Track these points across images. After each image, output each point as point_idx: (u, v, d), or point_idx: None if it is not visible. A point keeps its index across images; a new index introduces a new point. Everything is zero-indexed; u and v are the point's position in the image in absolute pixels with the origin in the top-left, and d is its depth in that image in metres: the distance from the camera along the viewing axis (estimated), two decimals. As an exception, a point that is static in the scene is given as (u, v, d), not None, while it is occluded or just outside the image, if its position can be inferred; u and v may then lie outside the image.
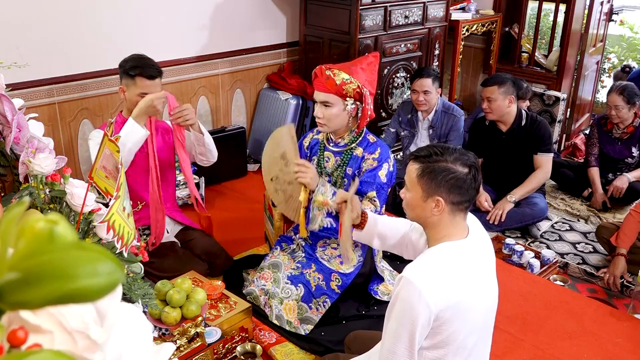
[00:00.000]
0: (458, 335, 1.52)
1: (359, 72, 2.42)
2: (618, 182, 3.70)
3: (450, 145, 1.66)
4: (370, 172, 2.43)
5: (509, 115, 3.49)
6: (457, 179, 1.55)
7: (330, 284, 2.53)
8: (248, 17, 4.04)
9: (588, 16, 4.64)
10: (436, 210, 1.56)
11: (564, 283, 2.98)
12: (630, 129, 3.70)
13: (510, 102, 3.44)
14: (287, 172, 2.47)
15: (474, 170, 1.58)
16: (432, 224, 1.60)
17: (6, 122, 1.48)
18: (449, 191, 1.55)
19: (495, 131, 3.56)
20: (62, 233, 0.43)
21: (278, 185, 2.53)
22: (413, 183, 1.60)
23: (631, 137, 3.73)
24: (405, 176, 1.65)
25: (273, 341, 2.45)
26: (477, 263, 1.59)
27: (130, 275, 1.42)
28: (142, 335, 0.64)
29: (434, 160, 1.57)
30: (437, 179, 1.55)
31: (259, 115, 4.27)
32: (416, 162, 1.61)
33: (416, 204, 1.60)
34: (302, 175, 2.36)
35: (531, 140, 3.48)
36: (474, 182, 1.57)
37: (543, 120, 3.55)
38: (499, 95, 3.41)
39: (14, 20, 2.99)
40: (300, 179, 2.36)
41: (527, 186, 3.49)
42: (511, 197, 3.46)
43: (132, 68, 2.51)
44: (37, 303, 0.41)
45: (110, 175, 1.55)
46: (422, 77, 3.57)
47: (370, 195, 2.39)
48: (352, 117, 2.46)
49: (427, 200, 1.57)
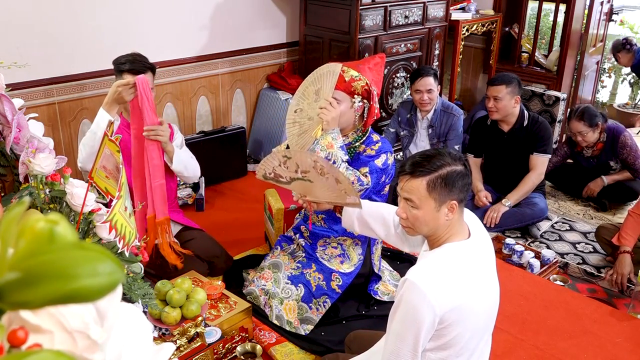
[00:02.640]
0: (462, 337, 1.52)
1: (366, 71, 2.43)
2: (592, 184, 3.76)
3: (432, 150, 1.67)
4: (366, 157, 2.44)
5: (513, 116, 3.49)
6: (463, 176, 1.56)
7: (331, 283, 2.53)
8: (248, 17, 4.04)
9: (588, 16, 4.64)
10: (450, 214, 1.55)
11: (564, 283, 2.98)
12: (600, 146, 3.69)
13: (516, 102, 3.45)
14: (313, 107, 2.46)
15: (467, 163, 1.61)
16: (440, 230, 1.59)
17: (6, 122, 1.48)
18: (460, 191, 1.55)
19: (496, 131, 3.56)
20: (62, 233, 0.43)
21: (298, 118, 2.53)
22: (424, 198, 1.55)
23: (604, 153, 3.71)
24: (410, 195, 1.58)
25: (273, 341, 2.45)
26: (480, 264, 1.59)
27: (130, 275, 1.42)
28: (142, 335, 0.64)
29: (437, 167, 1.54)
30: (450, 184, 1.54)
31: (259, 115, 4.27)
32: (418, 177, 1.55)
33: (430, 217, 1.56)
34: (325, 112, 2.36)
35: (531, 140, 3.48)
36: (470, 175, 1.60)
37: (544, 121, 3.55)
38: (506, 94, 3.41)
39: (14, 20, 2.99)
40: (322, 115, 2.37)
41: (521, 189, 3.49)
42: (506, 201, 3.46)
43: (121, 64, 2.54)
44: (37, 303, 0.41)
45: (110, 175, 1.55)
46: (423, 76, 3.56)
47: (362, 171, 2.39)
48: (359, 115, 2.46)
49: (441, 208, 1.55)
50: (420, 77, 3.57)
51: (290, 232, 2.77)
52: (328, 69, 2.45)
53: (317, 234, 2.61)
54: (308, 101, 2.49)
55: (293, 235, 2.73)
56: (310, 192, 2.09)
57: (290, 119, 2.55)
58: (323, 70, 2.46)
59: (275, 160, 2.08)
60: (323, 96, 2.42)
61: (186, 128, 3.91)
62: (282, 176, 2.11)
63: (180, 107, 3.87)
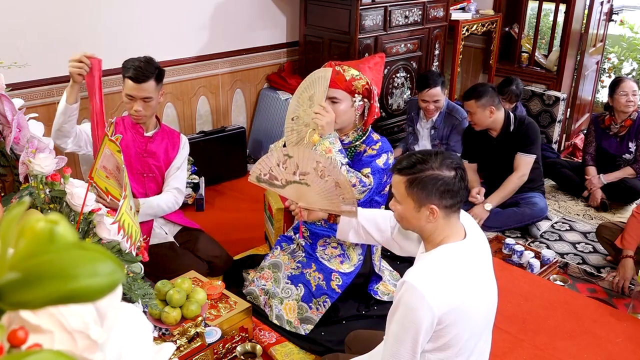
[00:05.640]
0: (461, 338, 1.52)
1: (366, 70, 2.43)
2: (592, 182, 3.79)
3: (432, 150, 1.67)
4: (367, 157, 2.43)
5: (495, 123, 3.47)
6: (446, 183, 1.54)
7: (331, 283, 2.53)
8: (248, 17, 4.04)
9: (588, 16, 4.64)
10: (431, 217, 1.56)
11: (564, 283, 2.98)
12: (628, 123, 3.72)
13: (491, 112, 3.41)
14: (309, 113, 2.45)
15: (460, 171, 1.57)
16: (428, 230, 1.60)
17: (6, 122, 1.48)
18: (441, 197, 1.54)
19: (486, 137, 3.56)
20: (62, 233, 0.43)
21: (295, 125, 2.53)
22: (403, 196, 1.59)
23: (628, 132, 3.75)
24: (393, 189, 1.64)
25: (273, 341, 2.45)
26: (477, 264, 1.60)
27: (130, 275, 1.42)
28: (142, 335, 0.64)
29: (418, 170, 1.56)
30: (427, 188, 1.54)
31: (259, 115, 4.27)
32: (401, 175, 1.59)
33: (410, 215, 1.60)
34: (320, 117, 2.35)
35: (519, 141, 3.47)
36: (462, 182, 1.57)
37: (532, 122, 3.54)
38: (477, 108, 3.40)
39: (14, 20, 2.99)
40: (316, 120, 2.36)
41: (503, 191, 3.47)
42: (487, 205, 3.45)
43: (126, 69, 2.51)
44: (37, 303, 0.41)
45: (110, 175, 1.55)
46: (431, 87, 3.57)
47: (364, 172, 2.39)
48: (359, 115, 2.46)
49: (421, 209, 1.56)
50: (428, 89, 3.58)
51: (290, 232, 2.77)
52: (320, 74, 2.45)
53: (317, 234, 2.61)
54: (303, 108, 2.49)
55: (293, 235, 2.73)
56: (304, 197, 2.07)
57: (288, 127, 2.56)
58: (315, 76, 2.46)
59: (274, 159, 2.06)
60: (316, 101, 2.42)
61: (186, 128, 3.91)
62: (278, 178, 2.09)
63: (180, 107, 3.87)
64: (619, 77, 3.91)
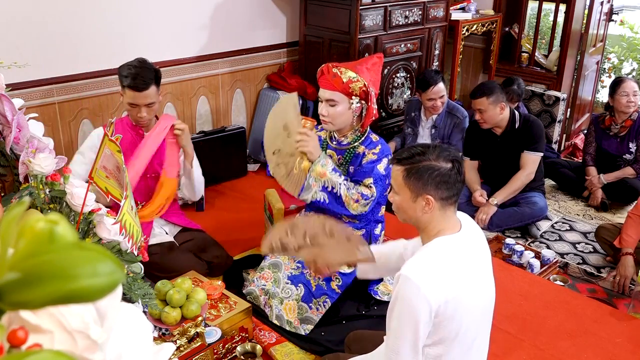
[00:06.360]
0: (458, 331, 1.54)
1: (364, 71, 2.42)
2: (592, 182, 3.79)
3: (430, 143, 1.69)
4: (369, 164, 2.43)
5: (503, 120, 3.48)
6: (442, 174, 1.58)
7: (331, 283, 2.53)
8: (248, 17, 4.04)
9: (588, 16, 4.64)
10: (427, 208, 1.59)
11: (564, 283, 2.98)
12: (628, 123, 3.72)
13: (501, 109, 3.43)
14: (289, 143, 2.42)
15: (457, 164, 1.61)
16: (424, 222, 1.63)
17: (6, 122, 1.48)
18: (437, 188, 1.58)
19: (490, 135, 3.56)
20: (62, 233, 0.43)
21: (280, 159, 2.49)
22: (400, 186, 1.63)
23: (628, 133, 3.74)
24: (391, 180, 1.68)
25: (273, 341, 2.45)
26: (472, 257, 1.62)
27: (130, 275, 1.43)
28: (142, 335, 0.64)
29: (417, 160, 1.60)
30: (424, 178, 1.58)
31: (259, 115, 4.27)
32: (399, 165, 1.63)
33: (407, 206, 1.63)
34: (304, 144, 2.34)
35: (524, 140, 3.47)
36: (458, 175, 1.61)
37: (537, 120, 3.55)
38: (488, 105, 3.40)
39: (14, 20, 2.99)
40: (302, 148, 2.34)
41: (510, 188, 3.49)
42: (493, 200, 3.47)
43: (124, 78, 2.49)
44: (37, 303, 0.41)
45: (110, 175, 1.55)
46: (434, 84, 3.58)
47: (366, 182, 2.39)
48: (357, 116, 2.46)
49: (417, 199, 1.60)
50: (432, 86, 3.59)
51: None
52: (286, 101, 2.43)
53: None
54: (281, 139, 2.47)
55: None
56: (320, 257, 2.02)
57: (272, 163, 2.53)
58: (282, 104, 2.45)
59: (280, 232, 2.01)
60: (293, 129, 2.41)
61: (186, 128, 3.90)
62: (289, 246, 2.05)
63: (180, 107, 3.87)
64: (620, 77, 3.91)
